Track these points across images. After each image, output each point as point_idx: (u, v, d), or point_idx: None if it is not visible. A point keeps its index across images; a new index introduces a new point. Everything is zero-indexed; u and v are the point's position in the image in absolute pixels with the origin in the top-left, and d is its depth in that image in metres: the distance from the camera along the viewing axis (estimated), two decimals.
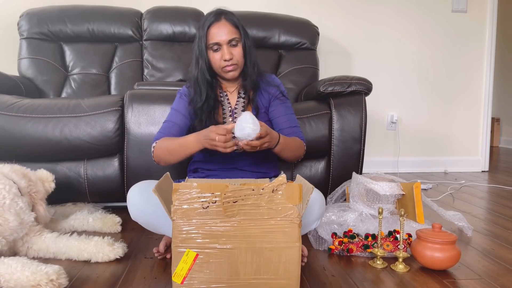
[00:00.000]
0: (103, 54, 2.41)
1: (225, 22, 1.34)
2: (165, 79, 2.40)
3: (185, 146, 1.28)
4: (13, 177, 1.34)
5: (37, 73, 2.31)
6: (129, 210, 1.28)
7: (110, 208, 1.88)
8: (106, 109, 1.75)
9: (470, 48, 3.13)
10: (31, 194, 1.39)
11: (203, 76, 1.38)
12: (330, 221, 1.53)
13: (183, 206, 0.97)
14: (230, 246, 0.99)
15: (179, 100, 1.44)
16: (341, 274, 1.23)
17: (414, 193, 1.55)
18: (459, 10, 3.07)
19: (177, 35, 2.43)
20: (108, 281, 1.16)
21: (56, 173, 1.62)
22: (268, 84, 1.45)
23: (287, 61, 2.51)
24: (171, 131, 1.38)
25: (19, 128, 1.69)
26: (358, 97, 1.91)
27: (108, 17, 2.39)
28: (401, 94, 3.08)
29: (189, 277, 0.99)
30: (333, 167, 1.90)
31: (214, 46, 1.34)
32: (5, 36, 2.58)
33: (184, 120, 1.40)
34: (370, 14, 2.98)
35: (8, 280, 1.05)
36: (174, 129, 1.39)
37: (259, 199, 0.97)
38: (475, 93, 3.17)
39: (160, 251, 1.32)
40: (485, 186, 2.61)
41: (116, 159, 1.80)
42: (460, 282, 1.17)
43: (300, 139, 1.41)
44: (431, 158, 3.14)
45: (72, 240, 1.31)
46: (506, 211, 1.97)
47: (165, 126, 1.41)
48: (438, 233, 1.24)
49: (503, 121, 4.96)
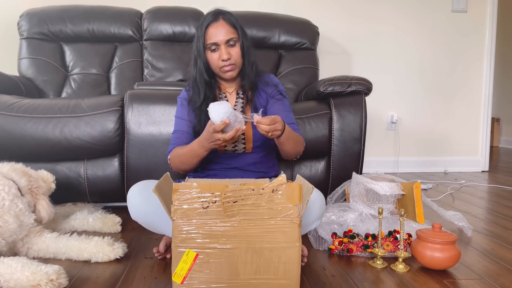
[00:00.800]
0: (103, 54, 2.41)
1: (223, 22, 1.34)
2: (165, 79, 2.40)
3: (192, 153, 1.30)
4: (13, 176, 1.33)
5: (37, 73, 2.31)
6: (129, 210, 1.28)
7: (110, 208, 1.88)
8: (106, 109, 1.75)
9: (470, 48, 3.13)
10: (33, 190, 1.38)
11: (202, 76, 1.38)
12: (330, 221, 1.53)
13: (183, 206, 0.97)
14: (230, 246, 0.99)
15: (181, 107, 1.44)
16: (341, 274, 1.23)
17: (414, 193, 1.55)
18: (459, 10, 3.06)
19: (177, 35, 2.43)
20: (108, 281, 1.16)
21: (56, 173, 1.62)
22: (266, 84, 1.45)
23: (287, 61, 2.51)
24: (182, 139, 1.39)
25: (19, 128, 1.69)
26: (358, 97, 1.91)
27: (108, 17, 2.39)
28: (401, 94, 3.08)
29: (189, 277, 0.99)
30: (333, 167, 1.90)
31: (212, 46, 1.34)
32: (5, 36, 2.58)
33: (191, 125, 1.41)
34: (370, 14, 2.98)
35: (8, 280, 1.05)
36: (184, 137, 1.40)
37: (259, 199, 0.97)
38: (475, 93, 3.17)
39: (160, 251, 1.32)
40: (485, 186, 2.61)
41: (116, 159, 1.80)
42: (460, 282, 1.17)
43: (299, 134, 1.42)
44: (431, 158, 3.14)
45: (72, 240, 1.31)
46: (506, 211, 1.97)
47: (174, 136, 1.42)
48: (438, 233, 1.24)
49: (503, 121, 4.96)
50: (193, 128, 1.40)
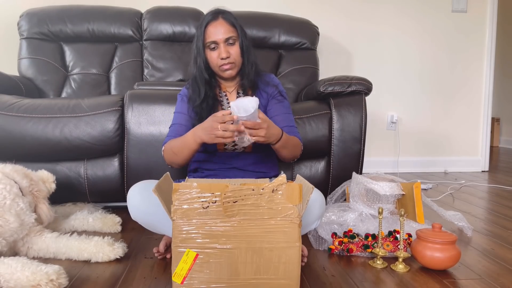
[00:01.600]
0: (103, 54, 2.41)
1: (222, 21, 1.34)
2: (165, 79, 2.40)
3: (184, 143, 1.28)
4: (15, 177, 1.33)
5: (37, 73, 2.31)
6: (129, 210, 1.28)
7: (110, 208, 1.88)
8: (106, 109, 1.75)
9: (470, 48, 3.13)
10: (34, 193, 1.39)
11: (201, 74, 1.39)
12: (330, 221, 1.53)
13: (183, 206, 0.97)
14: (230, 246, 0.99)
15: (181, 102, 1.45)
16: (341, 274, 1.23)
17: (414, 193, 1.55)
18: (459, 10, 3.06)
19: (177, 35, 2.43)
20: (108, 281, 1.16)
21: (56, 173, 1.62)
22: (266, 83, 1.45)
23: (287, 61, 2.51)
24: (179, 132, 1.38)
25: (19, 128, 1.69)
26: (358, 97, 1.91)
27: (108, 17, 2.39)
28: (401, 94, 3.08)
29: (189, 277, 0.99)
30: (333, 167, 1.90)
31: (211, 45, 1.35)
32: (5, 36, 2.58)
33: (190, 120, 1.41)
34: (370, 14, 2.98)
35: (8, 280, 1.05)
36: (181, 129, 1.39)
37: (259, 199, 0.97)
38: (475, 93, 3.17)
39: (160, 251, 1.32)
40: (485, 186, 2.61)
41: (116, 159, 1.80)
42: (460, 282, 1.17)
43: (297, 138, 1.42)
44: (431, 158, 3.14)
45: (72, 240, 1.31)
46: (506, 211, 1.97)
47: (172, 129, 1.41)
48: (438, 233, 1.24)
49: (503, 121, 4.96)
50: (192, 125, 1.40)
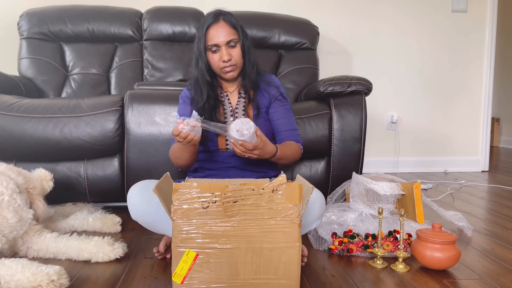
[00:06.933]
0: (103, 54, 2.41)
1: (223, 23, 1.34)
2: (165, 79, 2.40)
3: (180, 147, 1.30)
4: (10, 174, 1.34)
5: (37, 73, 2.31)
6: (129, 210, 1.28)
7: (110, 208, 1.88)
8: (106, 109, 1.75)
9: (470, 48, 3.12)
10: (29, 190, 1.39)
11: (203, 76, 1.39)
12: (330, 221, 1.53)
13: (183, 206, 0.97)
14: (230, 246, 0.99)
15: (182, 105, 1.46)
16: (341, 274, 1.23)
17: (414, 193, 1.55)
18: (459, 10, 3.06)
19: (177, 35, 2.43)
20: (108, 281, 1.16)
21: (56, 173, 1.62)
22: (268, 84, 1.46)
23: (287, 61, 2.51)
24: None
25: (19, 128, 1.69)
26: (358, 97, 1.91)
27: (108, 17, 2.39)
28: (401, 94, 3.08)
29: (189, 277, 0.99)
30: (333, 167, 1.90)
31: (213, 48, 1.35)
32: (5, 36, 2.58)
33: None
34: (370, 14, 2.98)
35: (9, 281, 1.04)
36: None
37: (259, 199, 0.97)
38: (475, 93, 3.17)
39: (160, 251, 1.32)
40: (485, 186, 2.61)
41: (116, 159, 1.80)
42: (460, 282, 1.17)
43: (296, 142, 1.43)
44: (431, 158, 3.14)
45: (72, 240, 1.31)
46: (506, 211, 1.97)
47: None
48: (438, 233, 1.24)
49: (503, 121, 4.96)
50: None
